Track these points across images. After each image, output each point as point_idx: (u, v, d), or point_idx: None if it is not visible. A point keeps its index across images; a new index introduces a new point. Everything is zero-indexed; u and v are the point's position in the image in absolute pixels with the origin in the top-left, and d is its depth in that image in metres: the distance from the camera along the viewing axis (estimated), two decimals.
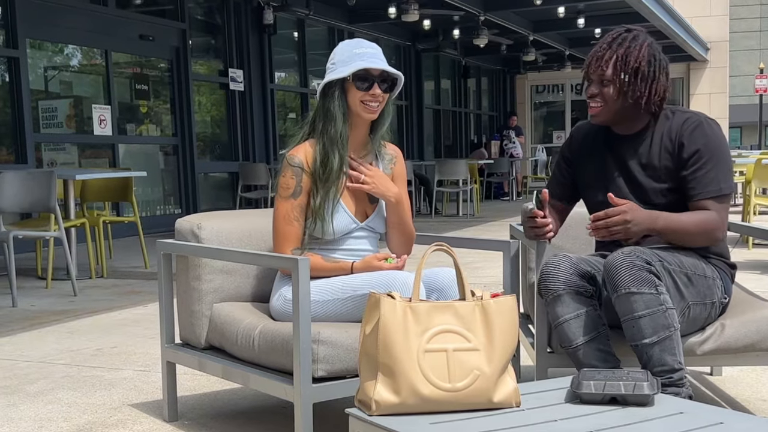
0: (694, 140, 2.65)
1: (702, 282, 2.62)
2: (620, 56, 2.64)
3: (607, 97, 2.67)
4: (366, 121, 2.78)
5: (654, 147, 2.71)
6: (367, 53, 2.72)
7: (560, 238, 3.24)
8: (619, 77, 2.64)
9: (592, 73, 2.69)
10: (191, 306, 2.95)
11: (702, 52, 21.38)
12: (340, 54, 2.75)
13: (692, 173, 2.64)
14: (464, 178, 12.87)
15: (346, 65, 2.71)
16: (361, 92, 2.71)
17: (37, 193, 5.95)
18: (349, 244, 2.81)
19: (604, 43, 2.70)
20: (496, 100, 23.42)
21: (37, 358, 4.10)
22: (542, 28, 17.20)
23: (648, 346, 2.43)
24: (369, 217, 2.84)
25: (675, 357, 2.44)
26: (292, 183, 2.74)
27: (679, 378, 2.45)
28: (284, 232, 2.76)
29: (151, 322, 4.95)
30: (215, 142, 12.81)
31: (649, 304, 2.42)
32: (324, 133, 2.74)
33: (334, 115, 2.72)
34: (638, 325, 2.43)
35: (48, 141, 9.89)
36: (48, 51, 10.05)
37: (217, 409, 3.20)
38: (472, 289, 2.09)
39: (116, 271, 7.24)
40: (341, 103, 2.72)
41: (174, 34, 11.41)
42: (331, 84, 2.73)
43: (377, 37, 16.52)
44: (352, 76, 2.69)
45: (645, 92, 2.65)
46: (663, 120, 2.73)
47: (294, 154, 2.76)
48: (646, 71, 2.64)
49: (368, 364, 2.02)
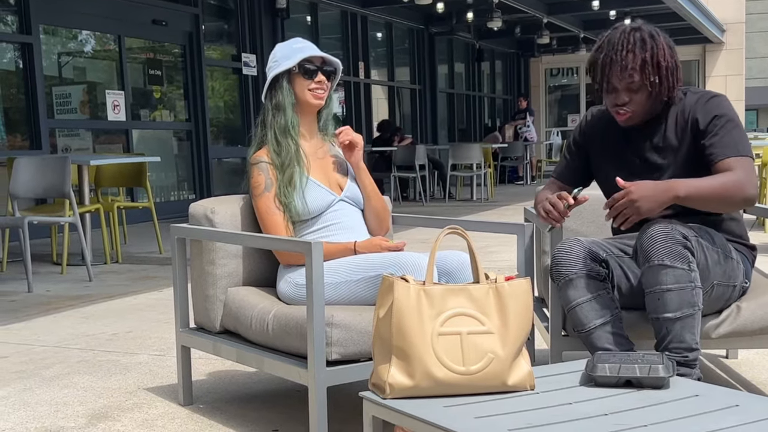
0: (708, 111, 2.62)
1: (729, 263, 2.60)
2: (648, 60, 2.57)
3: (639, 103, 2.62)
4: (313, 109, 2.96)
5: (669, 127, 2.68)
6: (306, 46, 2.92)
7: (574, 221, 3.23)
8: (649, 80, 2.59)
9: (616, 82, 2.61)
10: (206, 290, 2.96)
11: (718, 34, 21.20)
12: (280, 52, 2.95)
13: (710, 138, 2.59)
14: (478, 162, 12.83)
15: (288, 59, 2.89)
16: (308, 81, 2.89)
17: (51, 179, 5.97)
18: (334, 218, 2.89)
19: (620, 49, 2.59)
20: (510, 83, 23.32)
21: (53, 343, 4.12)
22: (556, 10, 17.10)
23: (670, 320, 2.41)
24: (344, 188, 2.95)
25: (693, 336, 2.43)
26: (261, 179, 2.88)
27: (693, 358, 2.44)
28: (272, 223, 2.86)
29: (165, 306, 4.97)
30: (228, 128, 12.82)
31: (679, 279, 2.39)
32: (274, 125, 2.91)
33: (284, 106, 2.91)
34: (664, 299, 2.40)
35: (62, 127, 9.92)
36: (61, 37, 10.07)
37: (232, 392, 3.22)
38: (486, 273, 2.08)
39: (131, 257, 7.27)
40: (289, 94, 2.91)
41: (187, 19, 11.41)
42: (278, 78, 2.91)
43: (390, 21, 16.48)
44: (297, 66, 2.88)
45: (672, 83, 2.62)
46: (677, 100, 2.70)
47: (257, 156, 2.93)
48: (673, 66, 2.61)
49: (382, 348, 2.02)
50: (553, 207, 2.57)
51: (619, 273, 2.65)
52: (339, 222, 2.89)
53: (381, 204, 3.02)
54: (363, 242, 2.80)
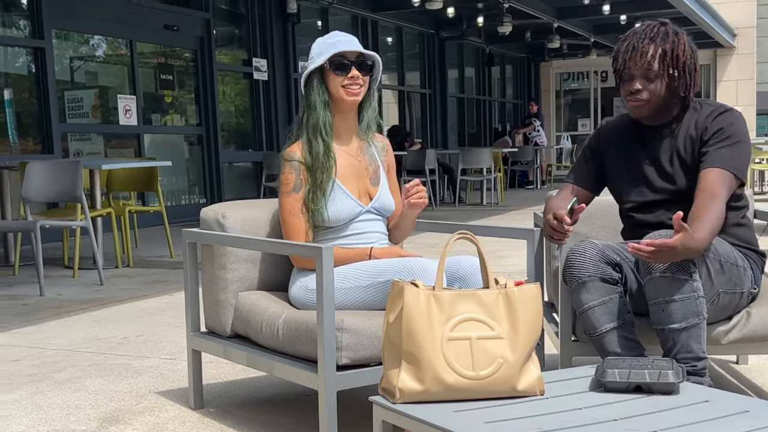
0: (717, 123, 2.64)
1: (734, 271, 2.59)
2: (667, 51, 2.59)
3: (653, 93, 2.63)
4: (351, 106, 2.85)
5: (680, 137, 2.69)
6: (341, 41, 2.83)
7: (585, 226, 3.23)
8: (668, 72, 2.60)
9: (633, 69, 2.62)
10: (216, 295, 2.97)
11: (729, 39, 21.14)
12: (316, 48, 2.86)
13: (708, 146, 2.61)
14: (488, 166, 12.83)
15: (321, 56, 2.81)
16: (341, 77, 2.79)
17: (63, 183, 6.00)
18: (356, 228, 2.86)
19: (643, 37, 2.62)
20: (521, 88, 23.30)
21: (65, 347, 4.14)
22: (567, 15, 17.08)
23: (676, 331, 2.42)
24: (372, 199, 2.90)
25: (700, 345, 2.43)
26: (292, 178, 2.82)
27: (702, 367, 2.44)
28: (293, 226, 2.82)
29: (176, 310, 4.99)
30: (239, 132, 12.86)
31: (682, 289, 2.40)
32: (307, 123, 2.83)
33: (315, 105, 2.82)
34: (668, 310, 2.41)
35: (74, 131, 9.97)
36: (73, 41, 10.13)
37: (242, 396, 3.23)
38: (496, 278, 2.08)
39: (142, 261, 7.30)
40: (321, 91, 2.82)
41: (198, 24, 11.45)
42: (311, 75, 2.83)
43: (400, 26, 16.50)
44: (328, 63, 2.79)
45: (691, 84, 2.63)
46: (692, 112, 2.71)
47: (290, 151, 2.85)
48: (691, 63, 2.62)
49: (392, 352, 2.02)
50: (554, 228, 2.59)
51: (632, 278, 2.65)
52: (361, 233, 2.86)
53: (410, 230, 3.01)
54: (380, 249, 2.80)
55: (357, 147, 2.92)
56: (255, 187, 12.52)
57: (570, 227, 2.57)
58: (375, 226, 2.89)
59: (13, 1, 9.25)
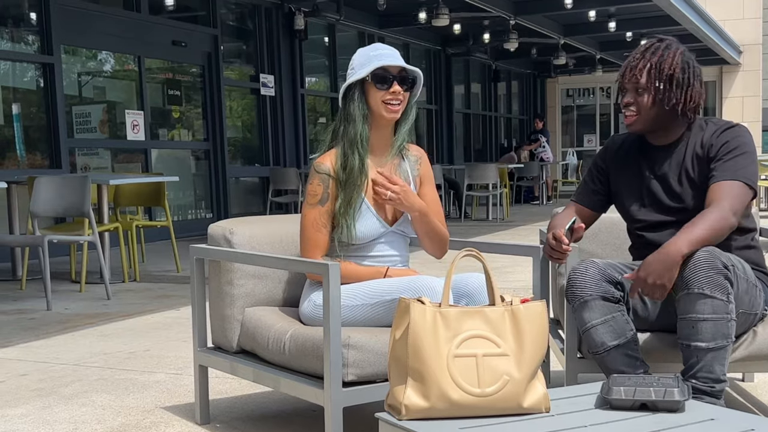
0: (722, 138, 2.65)
1: (753, 291, 2.59)
2: (654, 64, 2.63)
3: (642, 106, 2.66)
4: (388, 122, 2.78)
5: (687, 156, 2.70)
6: (384, 54, 2.74)
7: (590, 243, 3.24)
8: (654, 85, 2.63)
9: (626, 83, 2.69)
10: (223, 310, 2.98)
11: (735, 55, 21.17)
12: (358, 59, 2.78)
13: (715, 162, 2.62)
14: (494, 182, 12.85)
15: (364, 67, 2.73)
16: (382, 92, 2.72)
17: (71, 198, 6.03)
18: (379, 249, 2.82)
19: (637, 53, 2.69)
20: (527, 103, 23.34)
21: (72, 361, 4.16)
22: (573, 31, 17.13)
23: (702, 350, 2.41)
24: (398, 220, 2.85)
25: (723, 368, 2.42)
26: (319, 190, 2.77)
27: (720, 390, 2.43)
28: (313, 239, 2.78)
29: (182, 325, 5.00)
30: (246, 147, 12.90)
31: (716, 309, 2.38)
32: (344, 136, 2.77)
33: (354, 117, 2.74)
34: (699, 327, 2.39)
35: (82, 146, 10.02)
36: (82, 57, 10.19)
37: (248, 412, 3.23)
38: (502, 295, 2.09)
39: (149, 275, 7.31)
40: (361, 104, 2.74)
41: (206, 40, 11.52)
42: (351, 87, 2.75)
43: (407, 42, 16.56)
44: (370, 76, 2.71)
45: (680, 99, 2.64)
46: (697, 130, 2.72)
47: (321, 162, 2.79)
48: (680, 78, 2.63)
49: (398, 369, 2.03)
50: (553, 248, 2.60)
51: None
52: (382, 254, 2.82)
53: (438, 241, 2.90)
54: (396, 270, 2.78)
55: (390, 163, 2.86)
56: (261, 202, 12.55)
57: (569, 247, 2.58)
58: (396, 246, 2.86)
59: (23, 17, 9.32)
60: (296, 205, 11.58)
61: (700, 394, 2.42)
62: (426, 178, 2.96)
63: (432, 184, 2.98)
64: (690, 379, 2.44)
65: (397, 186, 2.77)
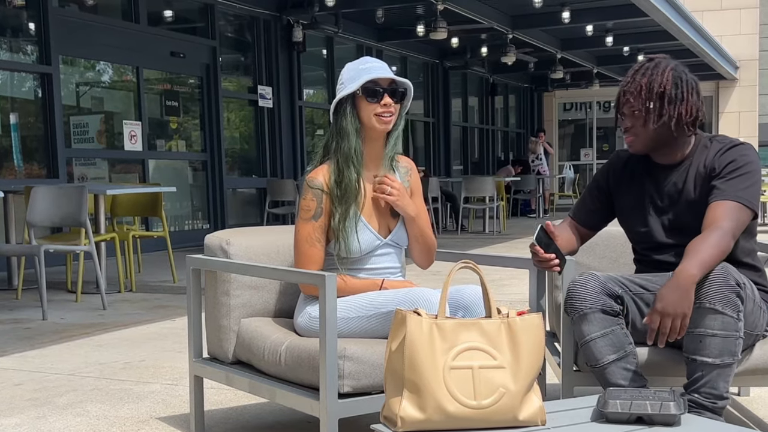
0: (726, 157, 2.64)
1: (757, 312, 2.59)
2: (644, 85, 2.62)
3: (638, 128, 2.66)
4: (380, 134, 2.79)
5: (690, 176, 2.69)
6: (373, 67, 2.75)
7: (587, 256, 3.24)
8: (645, 105, 2.63)
9: (622, 107, 2.69)
10: (219, 321, 2.98)
11: (731, 71, 21.25)
12: (347, 73, 2.78)
13: (717, 179, 2.61)
14: (491, 195, 12.86)
15: (354, 81, 2.74)
16: (373, 105, 2.73)
17: (68, 208, 6.02)
18: (374, 262, 2.83)
19: (628, 76, 2.69)
20: (524, 117, 23.40)
21: (67, 371, 4.15)
22: (570, 46, 17.19)
23: (708, 365, 2.40)
24: (392, 231, 2.86)
25: (726, 385, 2.43)
26: (313, 205, 2.77)
27: (721, 407, 2.43)
28: (307, 254, 2.79)
29: (178, 336, 4.99)
30: (244, 158, 12.91)
31: (726, 326, 2.38)
32: (338, 151, 2.77)
33: (347, 132, 2.74)
34: (707, 342, 2.39)
35: (79, 156, 10.02)
36: (80, 67, 10.21)
37: (244, 423, 3.22)
38: (498, 307, 2.09)
39: (145, 286, 7.30)
40: (353, 119, 2.75)
41: (205, 52, 11.54)
42: (342, 102, 2.75)
43: (405, 55, 16.61)
44: (361, 90, 2.72)
45: (674, 114, 2.62)
46: (702, 149, 2.71)
47: (313, 177, 2.79)
48: (672, 94, 2.62)
49: (394, 381, 2.03)
50: (540, 261, 2.61)
51: (633, 309, 2.64)
52: (377, 267, 2.83)
53: (428, 248, 2.95)
54: (392, 282, 2.79)
55: (382, 174, 2.85)
56: (258, 213, 12.54)
57: (546, 255, 2.58)
58: (391, 259, 2.87)
59: (21, 27, 9.34)
60: (293, 216, 11.58)
61: (702, 410, 2.41)
62: (416, 189, 2.99)
63: (421, 196, 3.01)
64: (693, 393, 2.43)
65: (396, 182, 2.81)
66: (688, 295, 2.36)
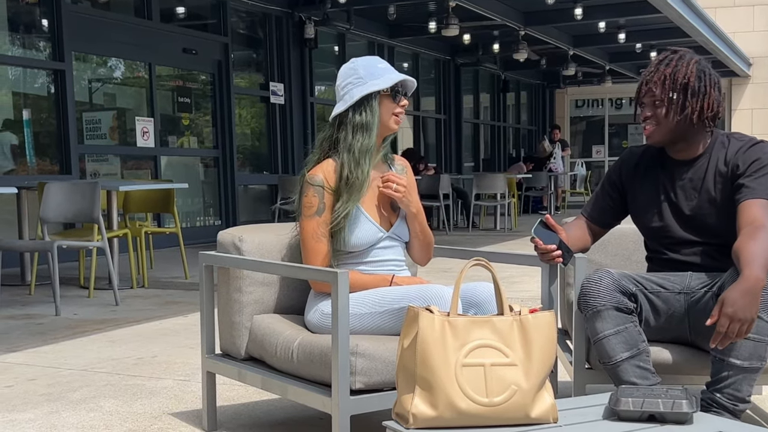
0: (749, 156, 2.61)
1: None
2: (668, 75, 2.61)
3: (660, 118, 2.64)
4: (389, 133, 2.85)
5: (709, 173, 2.67)
6: (389, 68, 2.82)
7: (599, 253, 3.23)
8: (668, 96, 2.61)
9: (643, 97, 2.67)
10: (232, 317, 2.99)
11: (744, 68, 21.14)
12: (363, 69, 2.79)
13: (744, 178, 2.57)
14: (502, 192, 12.85)
15: (377, 78, 2.76)
16: (394, 105, 2.78)
17: (81, 204, 6.05)
18: (377, 254, 2.85)
19: (651, 66, 2.68)
20: (535, 114, 23.35)
21: (80, 367, 4.17)
22: (583, 42, 17.13)
23: (736, 367, 2.39)
24: (393, 225, 2.89)
25: (750, 389, 2.42)
26: (315, 201, 2.79)
27: (742, 410, 2.42)
28: (314, 249, 2.81)
29: (190, 332, 5.01)
30: (255, 155, 12.94)
31: (760, 330, 2.37)
32: (353, 145, 2.77)
33: (370, 127, 2.77)
34: (738, 344, 2.36)
35: (91, 152, 10.05)
36: (93, 64, 10.24)
37: (255, 419, 3.24)
38: (511, 304, 2.10)
39: (157, 282, 7.33)
40: (377, 114, 2.78)
41: (216, 48, 11.56)
42: (368, 97, 2.76)
43: (417, 52, 16.60)
44: (390, 89, 2.76)
45: (696, 107, 2.61)
46: (719, 146, 2.69)
47: (314, 174, 2.81)
48: (695, 87, 2.61)
49: (406, 378, 2.03)
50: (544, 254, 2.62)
51: (647, 307, 2.63)
52: (381, 260, 2.85)
53: (426, 244, 2.98)
54: (403, 278, 2.80)
55: (381, 171, 2.91)
56: (269, 210, 12.57)
57: (547, 247, 2.59)
58: (394, 252, 2.89)
59: (34, 24, 9.38)
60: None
61: (722, 410, 2.40)
62: (410, 188, 3.00)
63: (417, 194, 3.03)
64: (715, 393, 2.42)
65: (403, 179, 2.84)
66: (756, 300, 2.28)
